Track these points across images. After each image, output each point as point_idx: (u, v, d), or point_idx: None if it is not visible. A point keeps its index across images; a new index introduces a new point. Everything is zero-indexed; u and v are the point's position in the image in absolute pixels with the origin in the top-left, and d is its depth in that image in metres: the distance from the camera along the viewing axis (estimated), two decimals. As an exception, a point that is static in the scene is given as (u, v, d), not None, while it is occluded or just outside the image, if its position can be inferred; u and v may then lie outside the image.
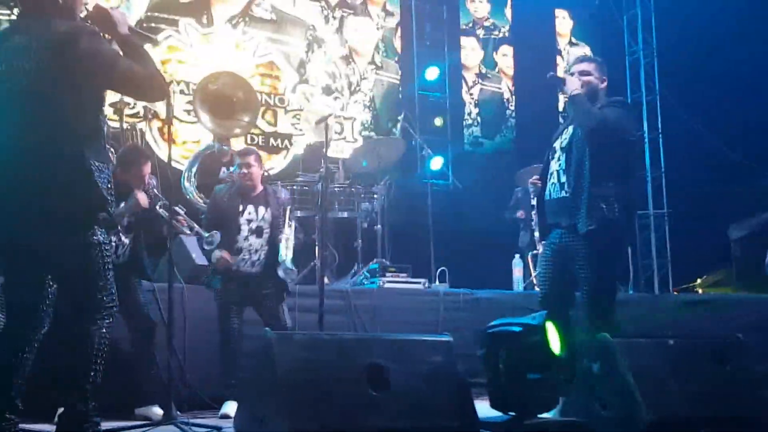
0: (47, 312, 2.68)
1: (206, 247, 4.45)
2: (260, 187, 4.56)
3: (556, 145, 3.69)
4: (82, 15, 2.83)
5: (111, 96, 7.28)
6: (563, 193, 3.57)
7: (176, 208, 4.16)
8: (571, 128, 3.65)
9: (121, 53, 2.72)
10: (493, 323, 2.77)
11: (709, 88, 9.73)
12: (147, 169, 4.21)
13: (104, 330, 2.59)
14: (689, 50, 9.67)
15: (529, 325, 2.63)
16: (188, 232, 4.35)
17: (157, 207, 4.20)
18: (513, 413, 2.58)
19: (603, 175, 3.46)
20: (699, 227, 6.58)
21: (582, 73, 3.69)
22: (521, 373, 2.59)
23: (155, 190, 4.31)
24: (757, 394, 2.66)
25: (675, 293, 9.30)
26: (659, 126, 9.88)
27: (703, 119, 9.27)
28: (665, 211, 9.58)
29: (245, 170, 4.45)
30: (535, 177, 3.77)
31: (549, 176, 3.68)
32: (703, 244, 8.15)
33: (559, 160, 3.62)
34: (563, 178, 3.57)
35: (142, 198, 4.04)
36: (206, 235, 4.31)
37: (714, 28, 9.58)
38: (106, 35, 2.77)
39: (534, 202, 4.10)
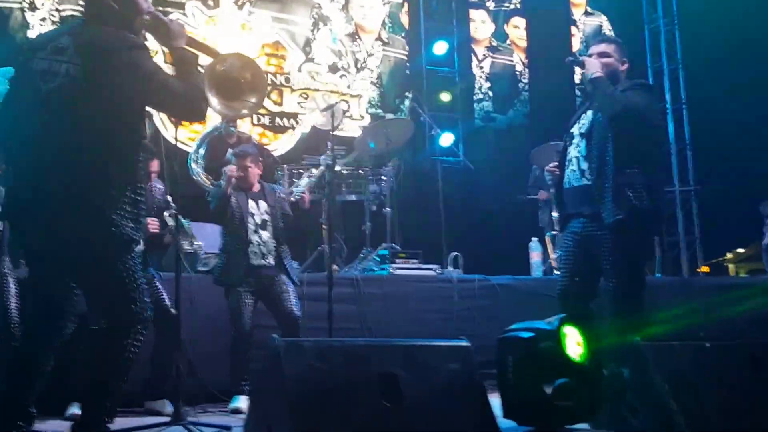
0: (70, 317, 2.65)
1: (200, 268, 4.51)
2: (257, 186, 4.59)
3: (574, 130, 3.52)
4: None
5: None
6: (584, 181, 3.39)
7: (184, 222, 4.11)
8: (590, 112, 3.48)
9: (163, 70, 2.66)
10: (511, 327, 2.56)
11: (733, 57, 9.39)
12: (152, 167, 4.19)
13: (137, 342, 2.48)
14: (712, 18, 9.31)
15: (542, 329, 2.41)
16: (189, 247, 4.27)
17: (166, 214, 4.17)
18: (530, 427, 2.39)
19: (627, 162, 3.29)
20: (728, 203, 6.30)
21: (601, 54, 3.52)
22: (534, 383, 2.39)
23: (167, 197, 4.28)
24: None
25: (704, 271, 9.07)
26: (683, 96, 9.61)
27: (729, 90, 8.95)
28: (692, 188, 9.31)
29: (242, 173, 4.47)
30: (552, 164, 3.54)
31: (568, 163, 3.49)
32: (733, 221, 7.87)
33: (578, 146, 3.45)
34: (584, 165, 3.40)
35: (152, 225, 4.06)
36: (202, 255, 4.39)
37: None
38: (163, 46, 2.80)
39: (552, 190, 3.87)
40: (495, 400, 2.59)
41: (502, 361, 2.46)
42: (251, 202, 4.46)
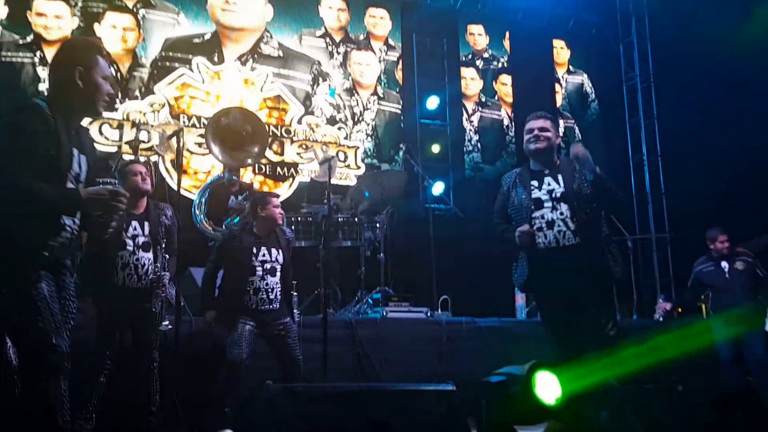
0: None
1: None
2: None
3: (540, 194, 3.50)
4: None
5: (127, 134, 7.36)
6: (575, 240, 3.40)
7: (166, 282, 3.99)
8: (558, 177, 3.51)
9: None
10: (496, 371, 2.57)
11: (706, 113, 9.56)
12: (138, 168, 4.13)
13: (58, 390, 2.22)
14: (686, 75, 9.52)
15: (513, 374, 2.43)
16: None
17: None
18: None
19: (603, 227, 3.45)
20: (700, 248, 6.36)
21: (541, 129, 3.58)
22: (505, 426, 2.39)
23: (173, 219, 4.22)
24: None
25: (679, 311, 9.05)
26: (658, 149, 9.73)
27: (702, 142, 9.09)
28: (667, 235, 9.37)
29: (264, 214, 4.40)
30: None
31: (547, 224, 3.45)
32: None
33: (555, 208, 3.45)
34: (567, 228, 3.42)
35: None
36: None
37: (709, 53, 9.43)
38: None
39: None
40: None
41: (477, 405, 2.46)
42: (263, 248, 4.37)
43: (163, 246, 4.01)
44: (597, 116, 10.26)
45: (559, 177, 3.51)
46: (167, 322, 4.06)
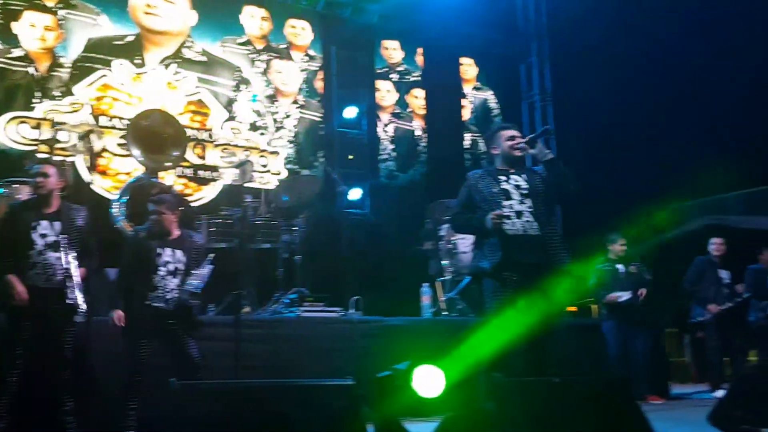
0: None
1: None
2: (177, 232, 4.32)
3: (508, 187, 3.67)
4: None
5: (45, 134, 7.03)
6: (539, 232, 3.57)
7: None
8: (523, 176, 3.70)
9: None
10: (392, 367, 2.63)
11: (600, 129, 10.08)
12: (46, 169, 4.00)
13: None
14: (580, 93, 10.01)
15: (397, 369, 2.51)
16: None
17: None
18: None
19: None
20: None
21: (512, 138, 3.76)
22: (393, 419, 2.47)
23: (87, 221, 4.07)
24: (636, 428, 2.63)
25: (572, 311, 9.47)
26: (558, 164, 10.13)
27: (597, 161, 9.56)
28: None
29: (156, 217, 4.24)
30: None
31: (516, 214, 3.60)
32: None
33: (522, 202, 3.62)
34: (533, 219, 3.59)
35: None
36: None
37: (605, 73, 9.96)
38: None
39: (474, 238, 3.86)
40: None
41: (368, 398, 2.53)
42: (168, 250, 4.24)
43: (73, 247, 3.87)
44: (501, 131, 10.58)
45: (524, 176, 3.72)
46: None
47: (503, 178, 3.70)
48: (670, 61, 10.59)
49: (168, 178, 7.38)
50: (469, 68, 10.60)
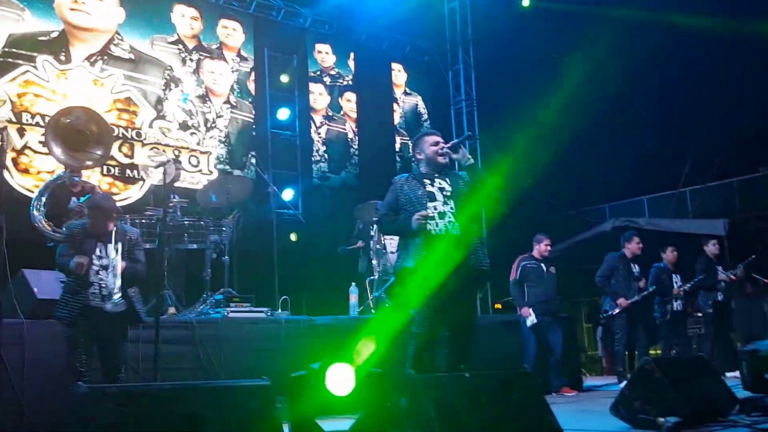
0: None
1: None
2: (111, 226, 4.21)
3: (433, 189, 3.73)
4: None
5: None
6: (461, 232, 3.65)
7: None
8: (446, 180, 3.78)
9: None
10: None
11: (521, 133, 10.34)
12: None
13: None
14: (503, 99, 10.27)
15: (311, 368, 2.52)
16: None
17: None
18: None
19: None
20: (516, 251, 6.88)
21: (436, 143, 3.84)
22: (308, 418, 2.48)
23: None
24: (540, 418, 2.71)
25: (498, 308, 9.72)
26: (479, 163, 10.34)
27: (517, 162, 9.78)
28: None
29: (93, 222, 4.15)
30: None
31: (440, 215, 3.66)
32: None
33: (446, 203, 3.69)
34: (456, 220, 3.66)
35: None
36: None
37: (527, 81, 10.26)
38: None
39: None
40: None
41: (286, 397, 2.52)
42: (100, 245, 4.10)
43: None
44: (430, 135, 10.73)
45: (447, 180, 3.79)
46: None
47: (428, 181, 3.77)
48: (588, 68, 11.02)
49: (93, 176, 7.13)
50: (398, 74, 10.69)
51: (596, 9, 10.32)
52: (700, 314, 7.64)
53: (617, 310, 6.45)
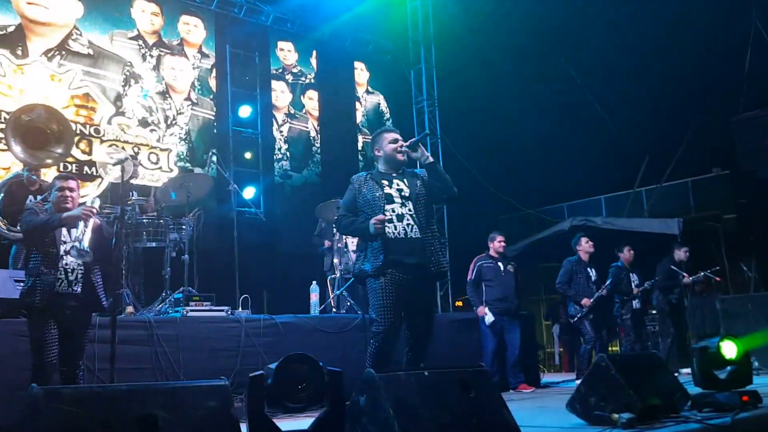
0: None
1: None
2: None
3: (391, 191, 3.71)
4: None
5: None
6: (419, 235, 3.65)
7: None
8: (404, 180, 3.75)
9: None
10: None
11: (481, 133, 10.48)
12: None
13: None
14: (464, 100, 10.36)
15: (269, 368, 2.51)
16: None
17: None
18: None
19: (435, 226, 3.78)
20: (476, 250, 6.95)
21: (394, 141, 3.81)
22: (265, 417, 2.47)
23: None
24: (498, 415, 2.75)
25: (458, 305, 9.80)
26: (441, 163, 10.41)
27: (478, 161, 9.91)
28: (446, 239, 9.99)
29: (67, 193, 3.98)
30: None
31: (397, 218, 3.65)
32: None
33: (405, 205, 3.68)
34: (414, 222, 3.65)
35: None
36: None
37: (487, 83, 10.37)
38: None
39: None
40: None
41: (245, 396, 2.50)
42: (64, 230, 3.93)
43: None
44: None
45: (405, 181, 3.77)
46: None
47: (386, 182, 3.75)
48: (548, 71, 11.20)
49: (50, 173, 6.93)
50: (361, 72, 10.69)
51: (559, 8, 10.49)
52: (655, 312, 7.86)
53: (584, 311, 6.56)
